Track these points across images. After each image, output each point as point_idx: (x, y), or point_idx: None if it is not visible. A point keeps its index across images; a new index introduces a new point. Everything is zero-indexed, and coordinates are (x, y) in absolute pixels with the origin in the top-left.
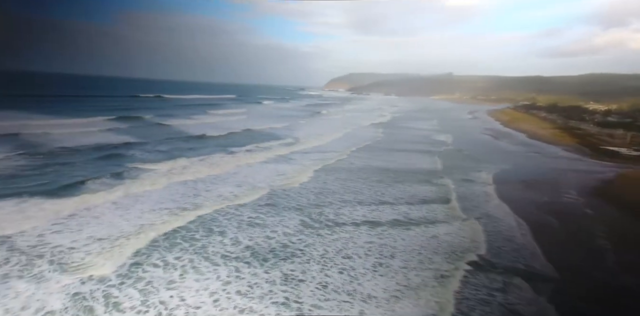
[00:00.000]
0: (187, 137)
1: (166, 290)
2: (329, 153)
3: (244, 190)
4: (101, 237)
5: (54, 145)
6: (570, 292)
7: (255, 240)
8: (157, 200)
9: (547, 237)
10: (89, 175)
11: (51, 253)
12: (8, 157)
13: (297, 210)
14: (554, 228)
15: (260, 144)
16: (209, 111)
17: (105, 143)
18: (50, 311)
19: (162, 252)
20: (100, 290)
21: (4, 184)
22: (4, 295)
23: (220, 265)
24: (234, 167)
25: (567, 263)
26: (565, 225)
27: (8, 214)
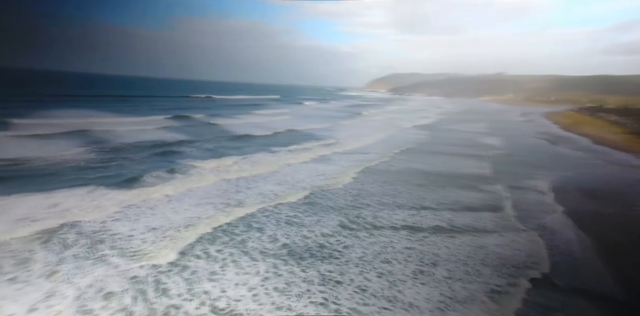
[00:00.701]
0: (233, 136)
1: (209, 280)
2: (369, 155)
3: (283, 188)
4: (154, 227)
5: (117, 141)
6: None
7: (293, 238)
8: (203, 195)
9: (615, 255)
10: (146, 169)
11: (111, 239)
12: (80, 151)
13: (335, 211)
14: (623, 246)
15: (302, 144)
16: (253, 111)
17: (160, 140)
18: (111, 291)
19: (205, 244)
20: (152, 276)
21: (77, 174)
22: (74, 274)
23: (259, 260)
24: (276, 166)
25: (638, 285)
26: (636, 242)
27: (80, 201)
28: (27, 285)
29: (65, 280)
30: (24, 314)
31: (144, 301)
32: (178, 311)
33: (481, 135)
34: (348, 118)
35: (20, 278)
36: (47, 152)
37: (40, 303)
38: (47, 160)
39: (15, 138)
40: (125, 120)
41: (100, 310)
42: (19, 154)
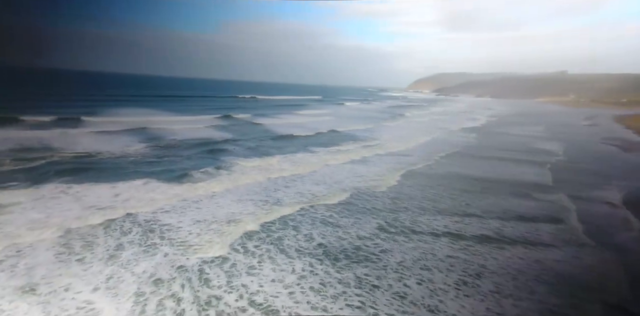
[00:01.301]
0: (276, 136)
1: (247, 275)
2: (412, 157)
3: (321, 189)
4: (199, 220)
5: (169, 138)
6: None
7: (328, 238)
8: (244, 192)
9: None
10: (194, 165)
11: (161, 229)
12: (138, 147)
13: (372, 214)
14: None
15: (343, 145)
16: (295, 111)
17: (208, 138)
18: (160, 278)
19: (245, 239)
20: (197, 266)
21: (135, 168)
22: (129, 259)
23: (295, 258)
24: (315, 167)
25: None
26: None
27: (137, 192)
28: (92, 266)
29: (122, 264)
30: (89, 292)
31: (190, 289)
32: (219, 301)
33: (538, 140)
34: (390, 119)
35: (86, 259)
36: (112, 146)
37: (102, 284)
38: (113, 154)
39: (87, 134)
40: (178, 118)
41: (151, 294)
42: (90, 148)
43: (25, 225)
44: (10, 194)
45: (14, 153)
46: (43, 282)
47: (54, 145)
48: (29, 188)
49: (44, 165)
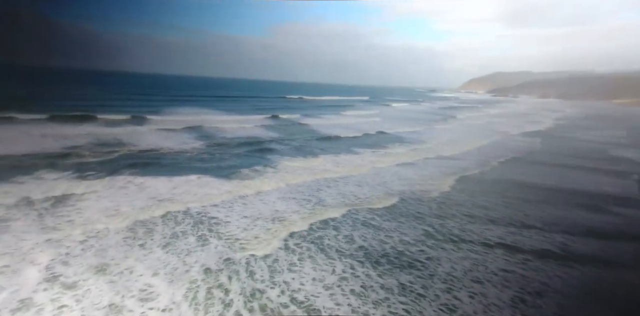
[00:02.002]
0: (322, 137)
1: (289, 271)
2: (465, 162)
3: (364, 191)
4: (246, 216)
5: (221, 136)
6: None
7: (369, 241)
8: (288, 191)
9: None
10: (243, 163)
11: (209, 222)
12: (194, 144)
13: (417, 219)
14: None
15: (390, 148)
16: (342, 112)
17: (257, 137)
18: (209, 268)
19: (286, 236)
20: (244, 259)
21: (190, 164)
22: (182, 249)
23: (335, 259)
24: (361, 168)
25: None
26: None
27: (191, 187)
28: (151, 251)
29: (176, 252)
30: (149, 276)
31: (237, 281)
32: (262, 295)
33: (616, 147)
34: (441, 121)
35: (147, 244)
36: (172, 143)
37: (160, 269)
38: (172, 149)
39: (152, 132)
40: (229, 118)
41: (202, 282)
42: (154, 144)
43: (101, 211)
44: (89, 183)
45: (92, 147)
46: (112, 263)
47: (125, 141)
48: (103, 178)
49: (116, 158)
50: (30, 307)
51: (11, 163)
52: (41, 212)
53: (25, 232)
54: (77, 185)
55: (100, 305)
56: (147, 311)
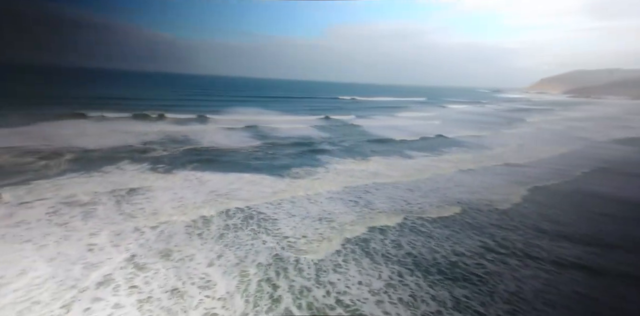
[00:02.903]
0: (375, 139)
1: (334, 272)
2: (538, 170)
3: (417, 196)
4: (294, 214)
5: (275, 135)
6: None
7: (418, 249)
8: (337, 191)
9: None
10: (294, 163)
11: (258, 218)
12: (249, 143)
13: (474, 229)
14: None
15: (451, 153)
16: (396, 114)
17: (309, 137)
18: (260, 263)
19: (332, 236)
20: (292, 256)
21: (245, 161)
22: (233, 241)
23: (381, 264)
24: (417, 173)
25: None
26: None
27: (244, 183)
28: (206, 242)
29: (228, 244)
30: (205, 266)
31: (285, 278)
32: (309, 293)
33: None
34: (509, 125)
35: (203, 234)
36: (230, 141)
37: (215, 260)
38: (230, 147)
39: (214, 130)
40: (284, 118)
41: (253, 276)
42: (214, 142)
43: (167, 201)
44: (159, 175)
45: (164, 143)
46: (175, 249)
47: (190, 138)
48: (170, 171)
49: (182, 154)
50: (110, 283)
51: (100, 155)
52: (119, 199)
53: (107, 217)
54: (149, 177)
55: (165, 288)
56: (205, 298)
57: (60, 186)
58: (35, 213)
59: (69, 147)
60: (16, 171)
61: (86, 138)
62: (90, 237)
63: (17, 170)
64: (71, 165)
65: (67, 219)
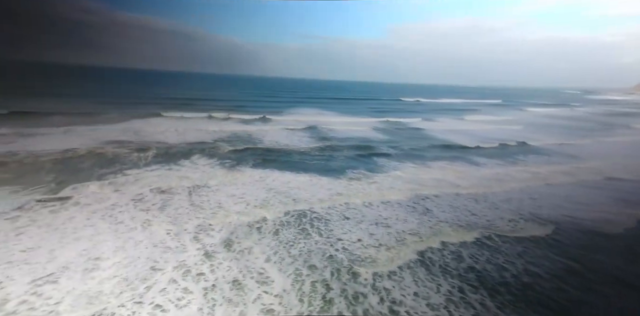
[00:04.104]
0: (441, 144)
1: (388, 279)
2: None
3: (483, 208)
4: (348, 217)
5: (334, 137)
6: None
7: (482, 264)
8: (396, 197)
9: None
10: (351, 166)
11: (312, 217)
12: (308, 143)
13: (551, 247)
14: None
15: (534, 164)
16: (465, 117)
17: (367, 140)
18: (313, 263)
19: (387, 241)
20: (345, 259)
21: (304, 162)
22: (288, 240)
23: (439, 276)
24: (488, 185)
25: None
26: None
27: (301, 183)
28: (264, 237)
29: (282, 242)
30: (262, 261)
31: (338, 280)
32: (365, 299)
33: None
34: (609, 132)
35: (261, 229)
36: (289, 141)
37: (271, 256)
38: (289, 147)
39: (275, 130)
40: (345, 119)
41: (306, 276)
42: (276, 142)
43: (230, 195)
44: (225, 171)
45: (230, 141)
46: (236, 241)
47: (253, 137)
48: (234, 167)
49: (246, 152)
50: (182, 268)
51: (177, 150)
52: (190, 191)
53: (181, 206)
54: (216, 172)
55: (227, 279)
56: (263, 294)
57: (146, 176)
58: (125, 198)
59: (153, 142)
60: (116, 161)
61: (167, 134)
62: (168, 224)
63: (116, 160)
64: (155, 158)
65: (149, 206)
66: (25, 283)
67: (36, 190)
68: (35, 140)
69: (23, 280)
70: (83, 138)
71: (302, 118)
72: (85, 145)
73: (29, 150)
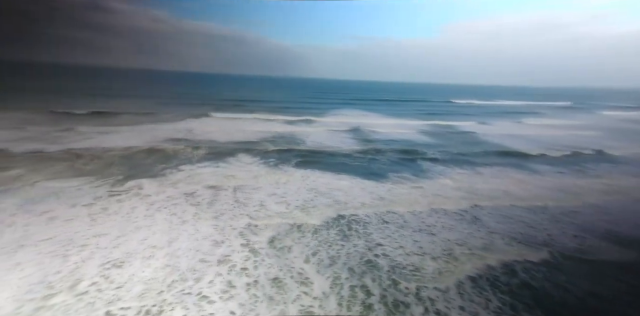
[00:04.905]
0: (496, 150)
1: (433, 289)
2: None
3: (542, 220)
4: (387, 221)
5: (377, 138)
6: None
7: (540, 281)
8: (443, 204)
9: None
10: (397, 169)
11: (350, 219)
12: (351, 146)
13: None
14: None
15: (614, 175)
16: (524, 120)
17: (415, 143)
18: (351, 267)
19: (432, 250)
20: (386, 264)
21: (345, 163)
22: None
23: (488, 290)
24: (550, 195)
25: None
26: None
27: (343, 185)
28: (303, 237)
29: (322, 241)
30: (302, 261)
31: (379, 287)
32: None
33: None
34: None
35: (301, 228)
36: (332, 142)
37: (311, 257)
38: (332, 148)
39: (319, 132)
40: (391, 122)
41: (345, 280)
42: (318, 143)
43: (272, 194)
44: (268, 169)
45: (274, 141)
46: (277, 239)
47: (297, 138)
48: (277, 166)
49: (289, 152)
50: (227, 263)
51: (225, 148)
52: (236, 188)
53: (226, 202)
54: (260, 170)
55: (268, 276)
56: (302, 294)
57: (198, 173)
58: (179, 192)
59: (205, 140)
60: (172, 157)
61: (216, 133)
62: (215, 219)
63: (174, 156)
64: (206, 155)
65: (199, 200)
66: (96, 266)
67: (107, 181)
68: (108, 137)
69: (94, 262)
70: (146, 135)
71: (347, 119)
72: (147, 142)
73: (102, 146)
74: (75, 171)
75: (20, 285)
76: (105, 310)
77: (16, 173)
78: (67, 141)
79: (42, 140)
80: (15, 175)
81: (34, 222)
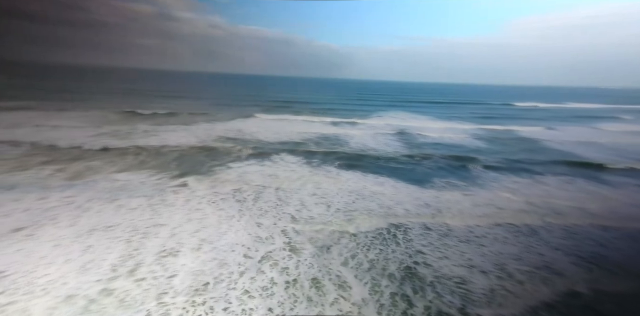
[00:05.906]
0: (564, 160)
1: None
2: None
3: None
4: (431, 228)
5: (423, 142)
6: None
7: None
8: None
9: None
10: (443, 175)
11: (389, 223)
12: (396, 149)
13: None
14: None
15: None
16: (599, 126)
17: (463, 148)
18: (391, 273)
19: (479, 263)
20: (429, 274)
21: (388, 167)
22: (364, 244)
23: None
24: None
25: None
26: None
27: (383, 189)
28: (342, 237)
29: (359, 244)
30: (339, 263)
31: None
32: None
33: None
34: None
35: (342, 230)
36: (375, 145)
37: (349, 260)
38: (375, 151)
39: (363, 134)
40: (440, 125)
41: (385, 287)
42: (362, 145)
43: (313, 194)
44: (310, 169)
45: (318, 141)
46: (317, 239)
47: (340, 139)
48: (319, 166)
49: (331, 153)
50: (269, 259)
51: (271, 147)
52: (278, 186)
53: (269, 200)
54: (303, 170)
55: (308, 276)
56: (340, 298)
57: (245, 170)
58: (227, 188)
59: (252, 140)
60: (224, 154)
61: (263, 133)
62: (258, 217)
63: (224, 153)
64: (253, 153)
65: (245, 197)
66: (153, 254)
67: (166, 175)
68: (167, 135)
69: (152, 250)
70: (200, 134)
71: (394, 122)
72: (202, 141)
73: (163, 143)
74: (141, 165)
75: (89, 267)
76: (157, 300)
77: (95, 164)
78: (135, 138)
79: (114, 136)
80: (95, 166)
81: (105, 209)
